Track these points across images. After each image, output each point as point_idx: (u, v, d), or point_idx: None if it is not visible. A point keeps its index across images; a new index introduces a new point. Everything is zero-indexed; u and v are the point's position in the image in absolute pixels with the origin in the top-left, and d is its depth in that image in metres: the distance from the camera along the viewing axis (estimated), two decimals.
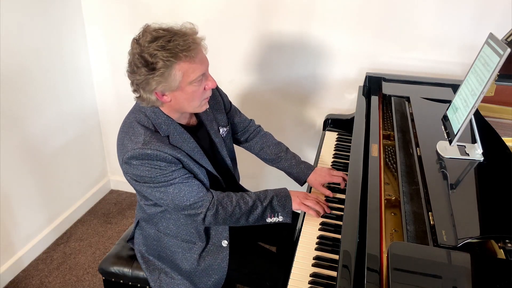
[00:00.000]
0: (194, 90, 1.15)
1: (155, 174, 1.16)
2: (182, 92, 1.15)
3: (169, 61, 1.07)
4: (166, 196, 1.19)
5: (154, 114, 1.21)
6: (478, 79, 1.09)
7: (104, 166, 2.69)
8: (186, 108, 1.21)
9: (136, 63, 1.11)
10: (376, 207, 1.06)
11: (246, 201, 1.25)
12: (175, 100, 1.17)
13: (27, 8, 1.90)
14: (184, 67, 1.10)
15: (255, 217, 1.26)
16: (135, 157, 1.14)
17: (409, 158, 1.25)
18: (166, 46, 1.08)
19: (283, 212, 1.27)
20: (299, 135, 2.26)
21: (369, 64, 1.96)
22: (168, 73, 1.09)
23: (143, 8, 2.15)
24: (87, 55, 2.35)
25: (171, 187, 1.18)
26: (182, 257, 1.35)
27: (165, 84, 1.11)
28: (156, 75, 1.09)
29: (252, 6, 1.98)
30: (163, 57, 1.07)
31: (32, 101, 2.01)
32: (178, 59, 1.09)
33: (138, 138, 1.17)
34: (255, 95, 2.21)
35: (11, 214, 2.00)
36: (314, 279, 1.07)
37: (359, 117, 1.61)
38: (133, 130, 1.19)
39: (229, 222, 1.26)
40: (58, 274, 2.09)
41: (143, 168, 1.15)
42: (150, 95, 1.15)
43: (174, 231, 1.34)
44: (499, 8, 1.70)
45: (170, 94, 1.15)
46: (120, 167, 1.23)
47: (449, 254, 0.82)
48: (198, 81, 1.15)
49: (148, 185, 1.19)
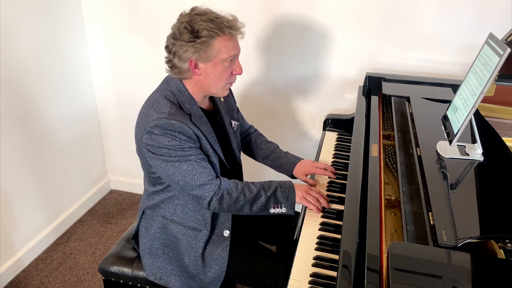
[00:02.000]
0: (223, 70, 1.23)
1: (173, 146, 1.19)
2: (213, 68, 1.22)
3: (213, 31, 1.16)
4: (178, 172, 1.21)
5: (180, 92, 1.26)
6: (478, 79, 1.09)
7: (104, 166, 2.69)
8: (211, 87, 1.26)
9: (181, 30, 1.18)
10: (376, 207, 1.06)
11: (251, 189, 1.28)
12: (205, 75, 1.23)
13: (27, 8, 1.90)
14: (223, 42, 1.19)
15: (259, 206, 1.27)
16: (159, 126, 1.18)
17: (409, 158, 1.25)
18: (214, 20, 1.18)
19: (286, 203, 1.28)
20: (299, 135, 2.26)
21: (369, 64, 1.96)
22: (209, 43, 1.17)
23: (143, 8, 2.15)
24: (87, 54, 2.35)
25: (186, 163, 1.20)
26: (187, 244, 1.35)
27: (202, 54, 1.19)
28: (197, 42, 1.17)
29: (253, 6, 1.98)
30: (208, 27, 1.16)
31: (32, 101, 2.01)
32: (222, 32, 1.18)
33: (164, 109, 1.21)
34: (255, 95, 2.21)
35: (11, 214, 2.01)
36: (314, 279, 1.07)
37: (359, 117, 1.61)
38: (159, 103, 1.23)
39: (233, 209, 1.27)
40: (58, 274, 2.09)
41: (164, 138, 1.19)
42: (183, 64, 1.21)
43: (181, 217, 1.35)
44: (499, 8, 1.71)
45: (202, 66, 1.22)
46: (137, 141, 1.27)
47: (449, 254, 0.82)
48: (229, 61, 1.22)
49: (163, 158, 1.21)
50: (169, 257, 1.37)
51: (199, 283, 1.35)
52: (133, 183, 2.70)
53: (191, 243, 1.35)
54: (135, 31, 2.22)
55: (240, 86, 2.20)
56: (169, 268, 1.37)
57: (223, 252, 1.35)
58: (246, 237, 1.47)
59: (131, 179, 2.70)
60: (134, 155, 1.93)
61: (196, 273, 1.35)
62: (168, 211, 1.36)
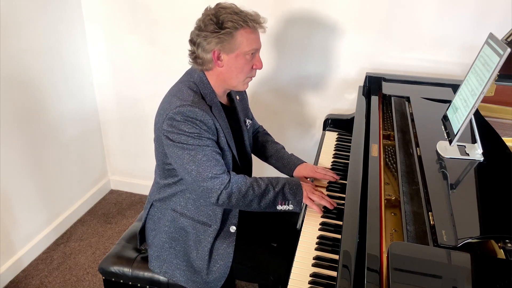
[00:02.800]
0: (244, 63, 1.26)
1: (193, 133, 1.21)
2: (235, 60, 1.25)
3: (238, 23, 1.21)
4: (193, 161, 1.22)
5: (202, 83, 1.30)
6: (478, 79, 1.09)
7: (104, 166, 2.69)
8: (233, 80, 1.30)
9: (206, 22, 1.23)
10: (376, 207, 1.06)
11: (259, 184, 1.28)
12: (227, 67, 1.27)
13: (27, 8, 1.90)
14: (246, 35, 1.23)
15: (267, 202, 1.27)
16: (181, 113, 1.20)
17: (409, 158, 1.25)
18: (239, 13, 1.23)
19: (294, 200, 1.28)
20: (299, 135, 2.26)
21: (369, 64, 1.96)
22: (232, 34, 1.21)
23: (143, 8, 2.15)
24: (87, 55, 2.35)
25: (201, 153, 1.22)
26: (196, 239, 1.35)
27: (225, 45, 1.22)
28: (221, 33, 1.21)
29: (253, 7, 1.98)
30: (233, 19, 1.21)
31: (32, 101, 2.01)
32: (246, 24, 1.22)
33: (187, 98, 1.24)
34: (256, 95, 2.21)
35: (11, 214, 2.01)
36: (314, 279, 1.07)
37: (359, 117, 1.61)
38: (182, 92, 1.26)
39: (242, 204, 1.27)
40: (58, 274, 2.09)
41: (184, 125, 1.21)
42: (207, 55, 1.25)
43: (192, 211, 1.35)
44: (499, 8, 1.71)
45: (225, 58, 1.25)
46: (158, 129, 1.28)
47: (449, 254, 0.82)
48: (250, 54, 1.26)
49: (181, 146, 1.22)
50: (175, 251, 1.37)
51: (204, 278, 1.35)
52: (133, 183, 2.70)
53: (200, 237, 1.35)
54: (135, 31, 2.22)
55: None
56: (174, 262, 1.37)
57: (228, 247, 1.35)
58: (249, 233, 1.48)
59: (131, 179, 2.70)
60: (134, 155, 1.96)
61: (202, 268, 1.35)
62: (179, 204, 1.36)
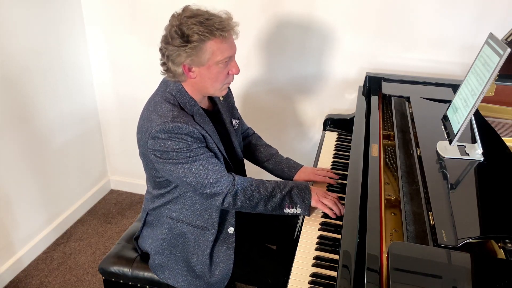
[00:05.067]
0: (219, 71, 1.21)
1: (182, 148, 1.18)
2: (208, 71, 1.20)
3: (204, 36, 1.14)
4: (190, 173, 1.20)
5: (179, 93, 1.25)
6: (478, 79, 1.09)
7: (104, 166, 2.69)
8: (208, 89, 1.25)
9: (172, 35, 1.17)
10: (376, 207, 1.06)
11: (266, 187, 1.27)
12: (200, 77, 1.22)
13: (27, 8, 1.90)
14: (215, 45, 1.16)
15: (274, 204, 1.26)
16: (164, 130, 1.17)
17: (409, 158, 1.25)
18: (204, 22, 1.14)
19: (302, 204, 1.27)
20: (299, 135, 2.26)
21: (369, 64, 1.96)
22: (200, 47, 1.15)
23: (143, 8, 2.15)
24: (87, 55, 2.35)
25: (196, 164, 1.20)
26: (195, 243, 1.35)
27: (194, 58, 1.17)
28: (188, 47, 1.15)
29: (253, 6, 1.98)
30: (199, 31, 1.13)
31: (32, 101, 2.01)
32: (213, 36, 1.15)
33: (167, 113, 1.20)
34: (255, 95, 2.21)
35: (11, 214, 2.00)
36: (314, 279, 1.07)
37: (359, 117, 1.61)
38: (160, 107, 1.22)
39: (248, 206, 1.26)
40: (58, 274, 2.09)
41: (170, 142, 1.17)
42: (177, 68, 1.20)
43: (188, 217, 1.34)
44: (499, 8, 1.70)
45: (196, 70, 1.20)
46: (143, 147, 1.25)
47: (449, 254, 0.82)
48: (224, 63, 1.20)
49: (172, 162, 1.19)
50: (176, 257, 1.37)
51: (206, 282, 1.34)
52: (133, 183, 2.70)
53: (199, 242, 1.35)
54: (135, 31, 2.22)
55: (240, 86, 2.20)
56: (176, 268, 1.36)
57: (228, 249, 1.35)
58: (247, 236, 1.48)
59: (131, 179, 2.70)
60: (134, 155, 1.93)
61: (203, 272, 1.34)
62: (174, 211, 1.35)
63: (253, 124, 1.78)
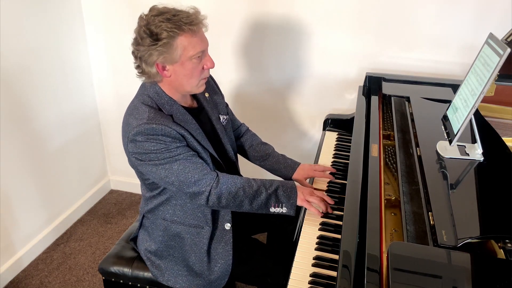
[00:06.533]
0: (193, 67, 1.20)
1: (160, 149, 1.18)
2: (182, 67, 1.19)
3: (172, 32, 1.13)
4: (171, 173, 1.20)
5: (157, 95, 1.25)
6: (478, 79, 1.09)
7: (104, 166, 2.69)
8: (185, 86, 1.24)
9: (142, 35, 1.17)
10: (376, 207, 1.06)
11: (251, 185, 1.26)
12: (175, 75, 1.21)
13: (27, 8, 1.90)
14: (186, 40, 1.16)
15: (259, 203, 1.25)
16: (141, 133, 1.17)
17: (409, 158, 1.25)
18: (172, 19, 1.14)
19: (288, 203, 1.26)
20: (299, 135, 2.26)
21: (369, 64, 1.96)
22: (171, 44, 1.15)
23: (143, 8, 2.14)
24: (87, 55, 2.35)
25: (176, 163, 1.19)
26: (191, 242, 1.35)
27: (166, 56, 1.16)
28: (159, 45, 1.14)
29: (252, 6, 1.98)
30: (167, 28, 1.13)
31: (32, 101, 2.01)
32: (181, 31, 1.14)
33: (142, 115, 1.20)
34: (255, 95, 2.21)
35: (11, 214, 2.00)
36: (314, 279, 1.07)
37: (359, 117, 1.61)
38: (137, 110, 1.22)
39: (232, 205, 1.25)
40: (58, 274, 2.09)
41: (148, 144, 1.17)
42: (151, 68, 1.19)
43: (181, 217, 1.34)
44: (499, 8, 1.70)
45: (170, 68, 1.20)
46: (125, 151, 1.25)
47: (449, 254, 0.82)
48: (197, 57, 1.19)
49: (153, 163, 1.20)
50: (174, 258, 1.37)
51: (206, 280, 1.34)
52: (133, 183, 2.70)
53: (195, 240, 1.35)
54: None
55: (239, 86, 2.20)
56: (175, 269, 1.36)
57: (226, 245, 1.34)
58: (246, 233, 1.47)
59: (131, 179, 2.70)
60: None
61: (202, 271, 1.34)
62: (167, 213, 1.35)
63: (252, 124, 1.78)
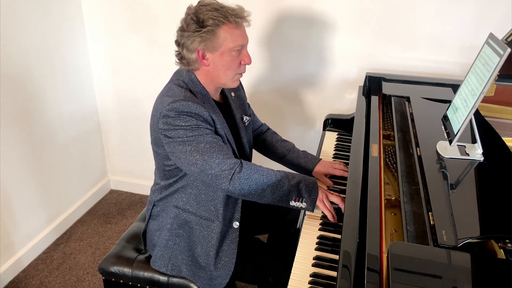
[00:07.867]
0: (231, 59, 1.25)
1: (190, 125, 1.20)
2: (220, 58, 1.24)
3: (218, 20, 1.19)
4: (196, 151, 1.19)
5: (192, 82, 1.29)
6: (478, 79, 1.09)
7: (104, 166, 2.69)
8: (221, 78, 1.28)
9: (188, 22, 1.22)
10: (376, 207, 1.06)
11: (274, 174, 1.24)
12: (213, 65, 1.25)
13: (27, 8, 1.90)
14: (229, 31, 1.21)
15: (280, 194, 1.23)
16: (174, 109, 1.19)
17: (409, 158, 1.25)
18: (219, 9, 1.21)
19: (308, 198, 1.24)
20: (299, 135, 2.26)
21: (369, 64, 1.96)
22: (214, 32, 1.20)
23: (143, 8, 2.15)
24: (87, 55, 2.35)
25: (203, 143, 1.20)
26: (200, 234, 1.35)
27: (208, 43, 1.21)
28: (203, 31, 1.19)
29: (252, 7, 1.98)
30: (213, 16, 1.19)
31: (32, 101, 2.01)
32: (227, 20, 1.20)
33: (179, 94, 1.23)
34: (255, 95, 2.21)
35: (11, 214, 2.01)
36: (314, 279, 1.07)
37: (359, 117, 1.61)
38: (173, 91, 1.25)
39: (254, 193, 1.22)
40: (58, 274, 2.09)
41: (179, 120, 1.19)
42: (191, 55, 1.24)
43: (194, 207, 1.34)
44: (499, 8, 1.71)
45: (210, 57, 1.24)
46: (154, 131, 1.27)
47: (449, 254, 0.82)
48: (237, 51, 1.24)
49: (180, 140, 1.20)
50: (180, 247, 1.37)
51: (208, 274, 1.34)
52: (133, 183, 2.70)
53: (204, 233, 1.35)
54: (135, 31, 2.22)
55: None
56: (180, 257, 1.37)
57: (232, 243, 1.35)
58: (250, 232, 1.47)
59: (131, 179, 2.70)
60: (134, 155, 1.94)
61: (207, 264, 1.34)
62: (181, 200, 1.35)
63: None
